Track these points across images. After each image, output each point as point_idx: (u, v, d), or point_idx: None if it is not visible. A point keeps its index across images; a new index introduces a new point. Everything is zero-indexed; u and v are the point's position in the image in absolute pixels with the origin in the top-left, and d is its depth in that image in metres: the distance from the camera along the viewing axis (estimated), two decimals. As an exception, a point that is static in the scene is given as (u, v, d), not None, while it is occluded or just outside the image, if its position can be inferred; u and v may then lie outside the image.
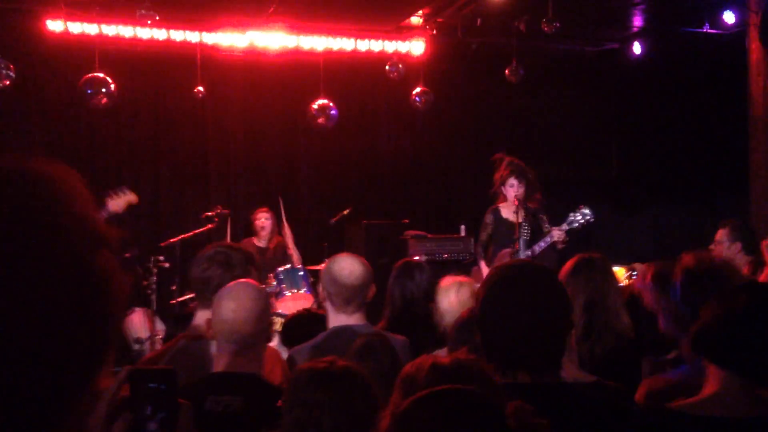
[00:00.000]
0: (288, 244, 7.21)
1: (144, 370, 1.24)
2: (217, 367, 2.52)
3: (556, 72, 9.49)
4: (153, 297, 6.55)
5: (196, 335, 2.92)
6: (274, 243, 7.37)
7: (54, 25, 7.45)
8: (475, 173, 8.67)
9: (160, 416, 1.19)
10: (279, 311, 6.38)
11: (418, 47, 8.61)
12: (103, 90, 7.27)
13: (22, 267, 0.79)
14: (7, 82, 7.09)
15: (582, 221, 5.53)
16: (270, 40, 8.10)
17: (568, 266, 3.18)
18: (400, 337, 3.20)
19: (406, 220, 8.35)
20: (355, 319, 3.12)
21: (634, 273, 5.93)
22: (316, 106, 8.29)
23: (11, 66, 7.08)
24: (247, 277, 2.93)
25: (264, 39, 8.09)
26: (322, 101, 8.29)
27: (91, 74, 7.28)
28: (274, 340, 3.94)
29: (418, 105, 8.52)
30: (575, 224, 5.55)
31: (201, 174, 8.77)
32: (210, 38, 8.08)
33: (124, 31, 7.63)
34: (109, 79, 7.30)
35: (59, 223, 0.83)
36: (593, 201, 9.13)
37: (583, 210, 5.55)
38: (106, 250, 0.88)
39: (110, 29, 7.57)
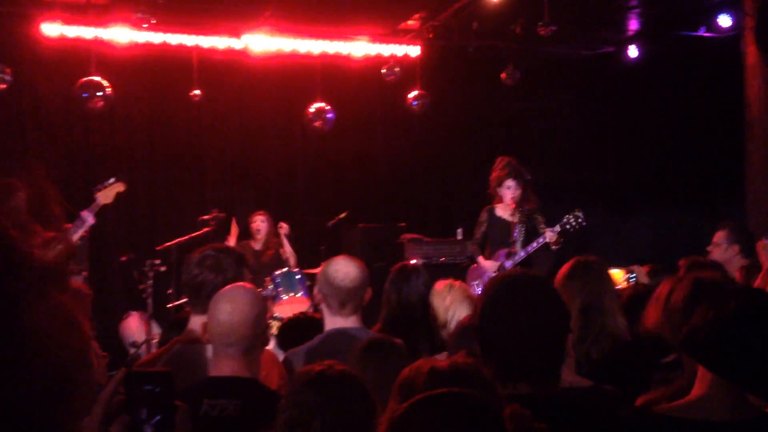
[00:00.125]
0: (284, 245, 7.18)
1: (140, 372, 1.24)
2: (213, 371, 2.51)
3: (552, 75, 9.50)
4: (149, 301, 6.54)
5: (191, 339, 2.90)
6: (270, 246, 7.36)
7: (50, 29, 7.44)
8: (471, 176, 8.67)
9: (157, 419, 1.19)
10: (276, 315, 6.38)
11: (414, 51, 8.62)
12: (99, 93, 7.25)
13: None
14: (4, 85, 7.08)
15: (575, 224, 5.55)
16: (266, 43, 8.10)
17: (565, 270, 3.18)
18: (397, 340, 3.19)
19: (402, 224, 8.35)
20: (351, 322, 3.11)
21: (633, 275, 5.93)
22: (312, 110, 8.29)
23: (7, 69, 7.06)
24: (239, 278, 2.92)
25: (260, 42, 8.09)
26: (318, 105, 8.29)
27: (86, 78, 7.27)
28: (270, 343, 3.93)
29: (415, 108, 8.53)
30: (568, 226, 5.57)
31: (197, 177, 8.76)
32: (206, 42, 8.08)
33: (120, 34, 7.62)
34: (105, 82, 7.29)
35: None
36: (590, 203, 9.19)
37: (576, 213, 5.57)
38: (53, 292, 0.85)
39: (106, 33, 7.56)
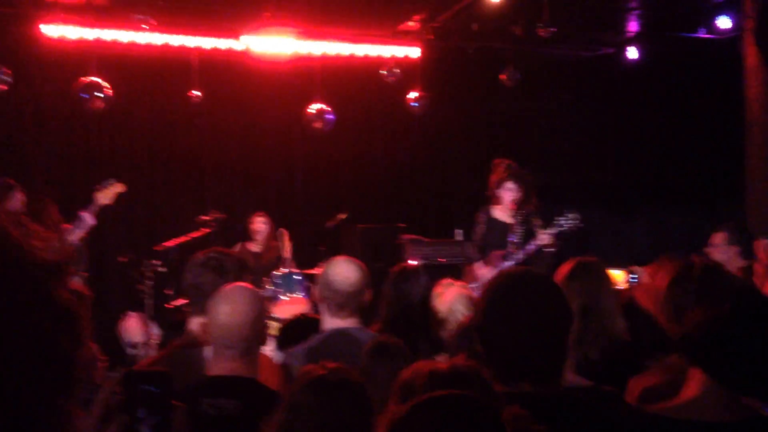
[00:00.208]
0: (286, 249, 7.18)
1: (138, 372, 1.24)
2: (212, 371, 2.51)
3: (552, 76, 9.50)
4: (148, 301, 6.53)
5: (190, 342, 2.90)
6: (270, 248, 7.36)
7: (50, 30, 7.44)
8: (471, 177, 8.67)
9: (154, 419, 1.19)
10: (275, 315, 6.38)
11: (414, 52, 8.62)
12: (99, 94, 7.25)
13: None
14: (4, 86, 7.08)
15: (570, 225, 5.51)
16: (266, 44, 8.10)
17: (564, 270, 3.17)
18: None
19: (402, 224, 8.35)
20: (349, 322, 3.11)
21: (634, 275, 5.90)
22: (312, 111, 8.29)
23: (7, 71, 7.07)
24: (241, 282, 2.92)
25: (260, 44, 8.09)
26: (318, 106, 8.29)
27: (86, 78, 7.27)
28: (269, 344, 3.93)
29: (415, 109, 8.53)
30: (563, 228, 5.53)
31: (197, 178, 8.76)
32: (206, 43, 8.08)
33: (120, 35, 7.62)
34: (104, 83, 7.29)
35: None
36: (590, 204, 9.22)
37: (569, 214, 5.53)
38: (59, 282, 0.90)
39: (106, 34, 7.56)
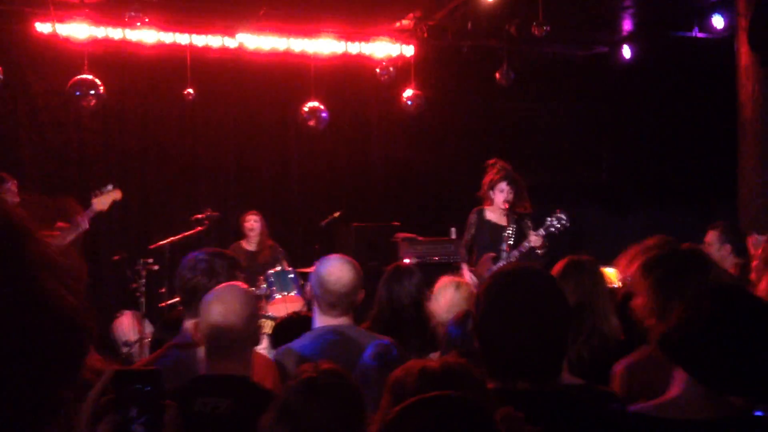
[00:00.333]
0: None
1: (129, 371, 1.23)
2: (205, 370, 2.50)
3: (546, 75, 9.51)
4: (142, 300, 6.52)
5: (184, 343, 2.89)
6: (264, 247, 7.33)
7: (43, 27, 7.41)
8: (465, 175, 8.66)
9: (146, 418, 1.19)
10: (269, 314, 6.37)
11: (408, 50, 8.62)
12: (92, 92, 7.23)
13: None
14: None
15: (558, 226, 5.49)
16: (260, 42, 8.09)
17: (557, 269, 3.18)
18: (386, 338, 3.19)
19: (396, 223, 8.35)
20: (341, 321, 3.11)
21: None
22: (306, 109, 8.29)
23: (0, 68, 7.04)
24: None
25: (254, 41, 8.08)
26: (312, 104, 8.28)
27: (79, 76, 7.24)
28: (263, 342, 3.92)
29: (409, 108, 8.53)
30: (552, 229, 5.51)
31: (190, 176, 8.74)
32: (200, 40, 8.06)
33: (114, 33, 7.60)
34: (97, 81, 7.26)
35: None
36: (584, 203, 9.24)
37: (559, 215, 5.51)
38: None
39: (99, 31, 7.53)
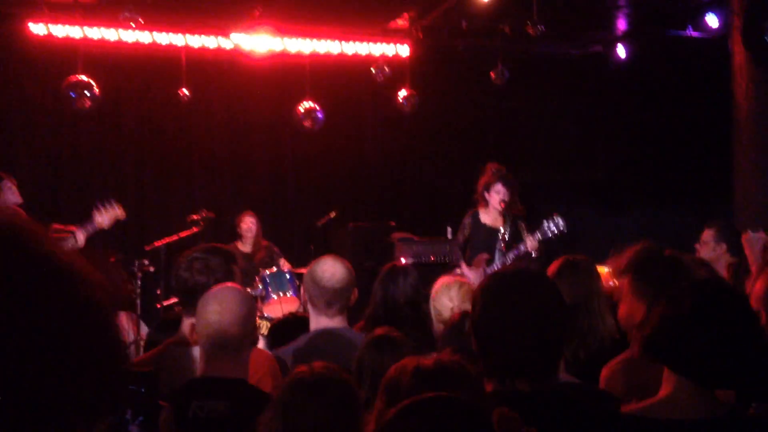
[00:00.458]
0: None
1: (125, 373, 1.23)
2: (202, 372, 2.50)
3: (541, 74, 9.52)
4: (137, 301, 6.51)
5: (182, 340, 2.90)
6: (259, 247, 7.32)
7: (36, 28, 7.39)
8: (461, 175, 8.67)
9: (140, 419, 1.19)
10: (265, 315, 6.36)
11: (403, 50, 8.61)
12: (87, 93, 7.21)
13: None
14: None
15: (555, 231, 5.47)
16: (255, 42, 8.08)
17: (553, 269, 3.18)
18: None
19: (392, 223, 8.35)
20: (336, 321, 3.11)
21: None
22: (302, 109, 8.27)
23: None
24: (229, 278, 2.92)
25: (249, 42, 8.07)
26: (308, 104, 8.27)
27: (74, 77, 7.23)
28: (260, 343, 3.92)
29: (404, 107, 8.52)
30: (549, 234, 5.49)
31: (186, 177, 8.72)
32: (195, 41, 8.05)
33: (108, 33, 7.58)
34: (92, 81, 7.25)
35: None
36: (580, 202, 9.25)
37: (556, 219, 5.49)
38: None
39: (93, 32, 7.51)
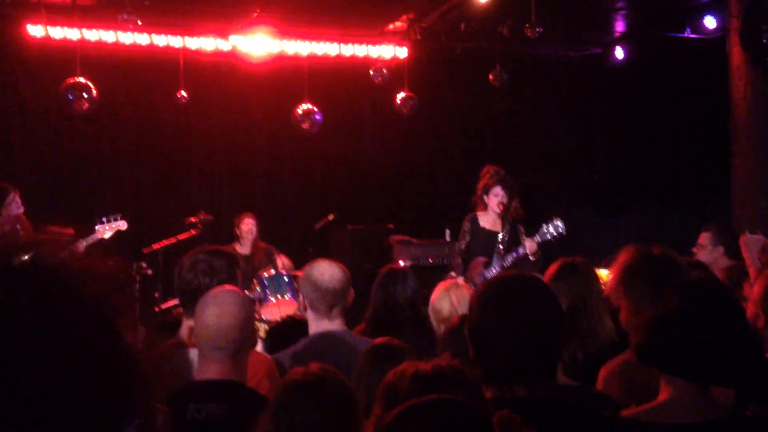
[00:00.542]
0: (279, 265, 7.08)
1: None
2: (199, 375, 2.49)
3: (539, 76, 9.53)
4: (136, 304, 6.50)
5: (180, 342, 2.89)
6: (257, 249, 7.30)
7: (35, 30, 7.38)
8: (459, 177, 8.68)
9: (137, 422, 1.18)
10: (263, 317, 6.34)
11: (402, 52, 8.62)
12: (85, 95, 7.21)
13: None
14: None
15: (555, 234, 5.46)
16: (254, 44, 8.07)
17: (551, 271, 3.17)
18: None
19: (390, 225, 8.35)
20: (336, 324, 3.11)
21: None
22: (300, 111, 8.27)
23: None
24: (232, 280, 2.91)
25: (248, 44, 8.06)
26: (306, 106, 8.27)
27: (72, 79, 7.22)
28: (258, 346, 3.91)
29: (403, 110, 8.52)
30: (548, 236, 5.47)
31: (184, 179, 8.72)
32: (193, 43, 8.04)
33: (106, 36, 7.57)
34: (90, 84, 7.24)
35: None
36: (578, 204, 9.25)
37: (555, 222, 5.47)
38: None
39: (91, 34, 7.51)
